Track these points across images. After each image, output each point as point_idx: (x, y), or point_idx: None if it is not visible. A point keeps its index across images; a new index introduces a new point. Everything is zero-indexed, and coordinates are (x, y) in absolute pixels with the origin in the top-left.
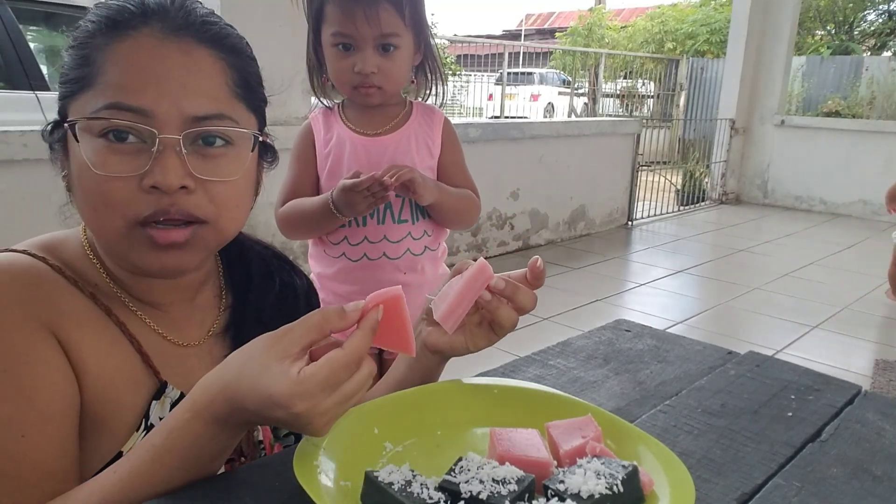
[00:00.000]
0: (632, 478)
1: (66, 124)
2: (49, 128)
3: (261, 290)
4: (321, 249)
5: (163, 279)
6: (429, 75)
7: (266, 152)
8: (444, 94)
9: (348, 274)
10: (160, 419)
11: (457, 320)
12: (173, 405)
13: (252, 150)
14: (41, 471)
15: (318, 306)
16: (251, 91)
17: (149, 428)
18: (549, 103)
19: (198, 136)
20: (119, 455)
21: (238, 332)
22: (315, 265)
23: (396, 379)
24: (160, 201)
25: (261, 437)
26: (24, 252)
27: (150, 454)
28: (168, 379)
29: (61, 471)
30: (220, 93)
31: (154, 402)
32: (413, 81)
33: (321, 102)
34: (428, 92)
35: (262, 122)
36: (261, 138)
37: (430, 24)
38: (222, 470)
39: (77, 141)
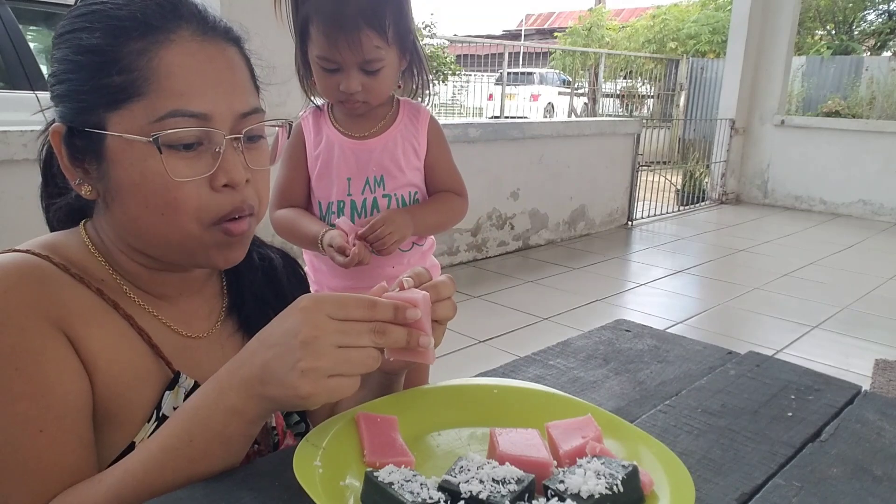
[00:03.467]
0: (632, 478)
1: (150, 139)
2: (65, 133)
3: (248, 268)
4: None
5: (177, 270)
6: (415, 76)
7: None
8: (430, 92)
9: (341, 268)
10: (174, 409)
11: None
12: (187, 395)
13: (288, 137)
14: (62, 463)
15: (302, 275)
16: (256, 80)
17: (160, 419)
18: (549, 103)
19: (247, 132)
20: (131, 446)
21: (241, 313)
22: (309, 259)
23: (355, 402)
24: (233, 198)
25: (274, 424)
26: (27, 252)
27: (184, 431)
28: (181, 369)
29: (82, 463)
30: (250, 87)
31: (167, 392)
32: (400, 86)
33: (311, 102)
34: (415, 90)
35: None
36: (290, 124)
37: (414, 28)
38: None
39: (160, 153)
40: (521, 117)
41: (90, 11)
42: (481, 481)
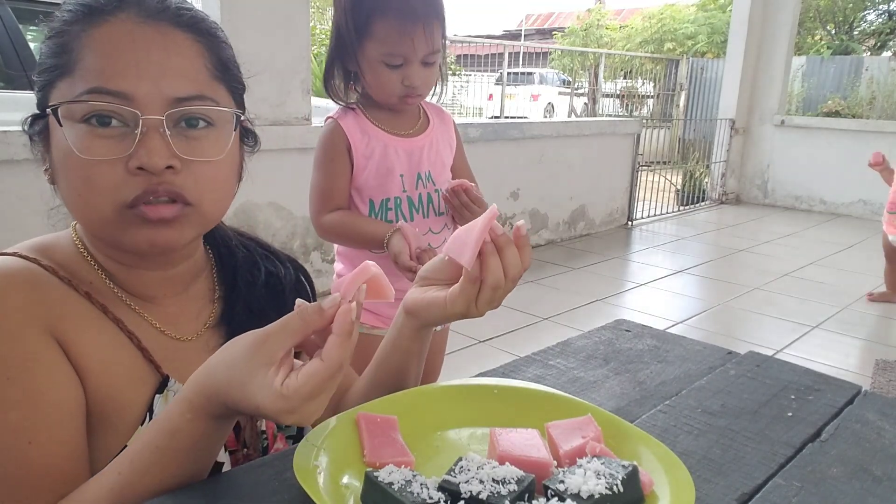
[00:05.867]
0: (632, 478)
1: (48, 110)
2: (29, 120)
3: (248, 281)
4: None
5: (154, 268)
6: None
7: (247, 136)
8: (443, 92)
9: (390, 269)
10: None
11: (473, 254)
12: None
13: (234, 130)
14: (52, 475)
15: (309, 296)
16: (229, 74)
17: None
18: (549, 103)
19: (181, 116)
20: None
21: (231, 323)
22: (346, 263)
23: (380, 357)
24: (148, 182)
25: (264, 428)
26: (14, 255)
27: (157, 455)
28: (169, 373)
29: (72, 473)
30: (199, 75)
31: (157, 395)
32: None
33: (338, 103)
34: (434, 90)
35: (241, 107)
36: (242, 118)
37: None
38: (227, 465)
39: (60, 125)
40: (521, 117)
41: (64, 2)
42: (481, 481)
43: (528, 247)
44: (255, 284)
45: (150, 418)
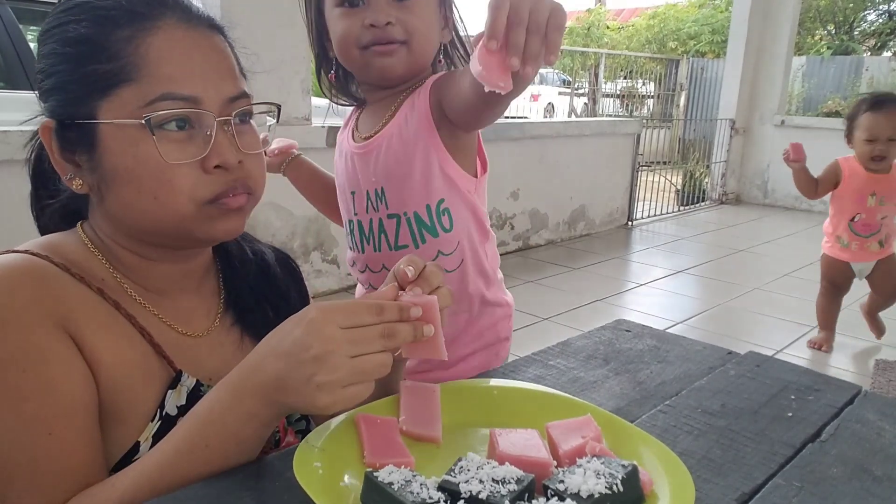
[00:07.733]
0: (632, 477)
1: (142, 121)
2: (55, 129)
3: (242, 263)
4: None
5: (178, 261)
6: (459, 64)
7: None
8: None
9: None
10: (177, 408)
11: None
12: (189, 393)
13: (277, 122)
14: (72, 464)
15: (293, 269)
16: (242, 68)
17: (164, 417)
18: (549, 103)
19: (239, 115)
20: (136, 445)
21: (237, 307)
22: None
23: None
24: (226, 178)
25: None
26: (26, 252)
27: (199, 435)
28: (182, 367)
29: (92, 462)
30: (237, 73)
31: (170, 391)
32: (440, 61)
33: (334, 102)
34: None
35: None
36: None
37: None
38: None
39: (152, 134)
40: (521, 117)
41: (76, 5)
42: (481, 481)
43: (441, 293)
44: (246, 262)
45: (161, 413)
